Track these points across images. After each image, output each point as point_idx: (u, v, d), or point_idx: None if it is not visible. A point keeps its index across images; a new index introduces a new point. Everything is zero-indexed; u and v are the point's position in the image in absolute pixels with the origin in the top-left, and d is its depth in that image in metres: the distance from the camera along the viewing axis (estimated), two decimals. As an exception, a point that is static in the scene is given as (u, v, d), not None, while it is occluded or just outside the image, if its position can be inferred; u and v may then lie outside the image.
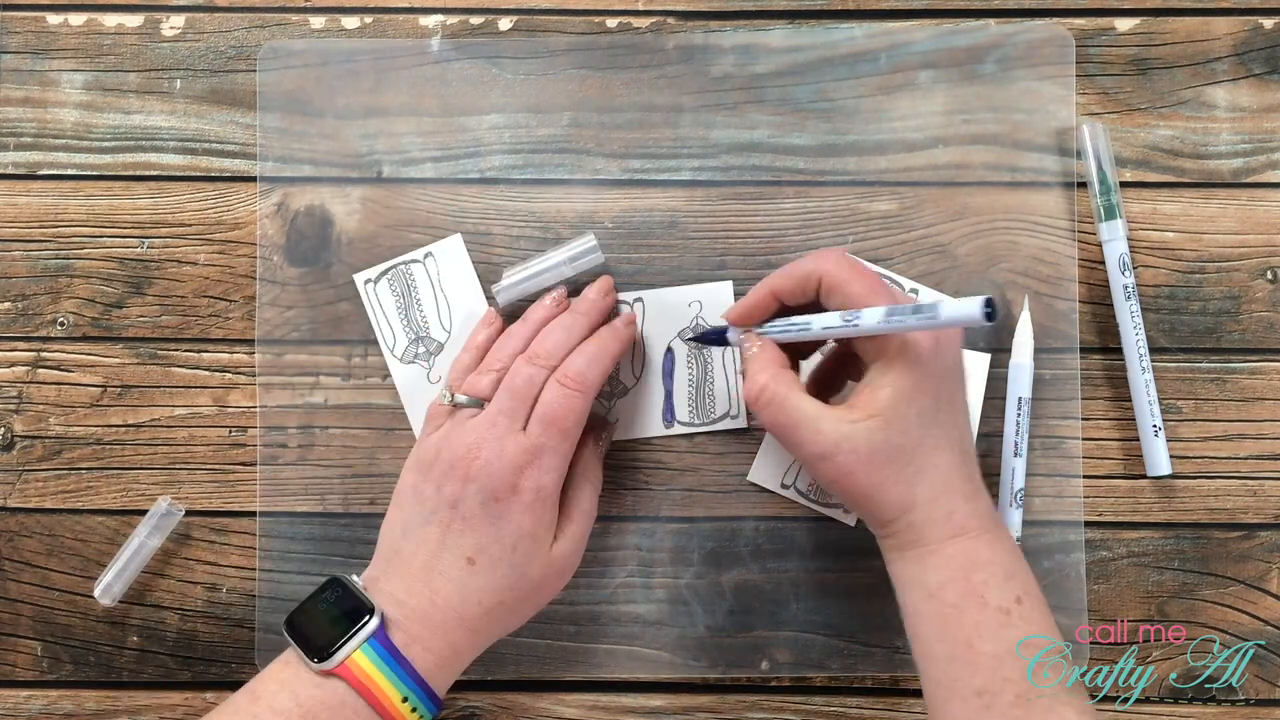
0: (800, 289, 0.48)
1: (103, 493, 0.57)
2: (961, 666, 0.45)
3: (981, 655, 0.45)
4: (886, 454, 0.45)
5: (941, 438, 0.46)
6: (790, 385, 0.47)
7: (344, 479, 0.57)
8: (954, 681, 0.45)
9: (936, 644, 0.46)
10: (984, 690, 0.44)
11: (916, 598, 0.46)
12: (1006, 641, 0.45)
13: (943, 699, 0.45)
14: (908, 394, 0.45)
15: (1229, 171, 0.57)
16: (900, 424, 0.45)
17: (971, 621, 0.45)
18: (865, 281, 0.46)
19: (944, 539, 0.46)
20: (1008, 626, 0.45)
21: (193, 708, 0.57)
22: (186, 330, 0.57)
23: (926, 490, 0.45)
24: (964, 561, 0.45)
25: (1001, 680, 0.44)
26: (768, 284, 0.49)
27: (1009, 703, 0.44)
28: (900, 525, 0.46)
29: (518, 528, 0.49)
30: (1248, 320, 0.56)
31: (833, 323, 0.46)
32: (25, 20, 0.58)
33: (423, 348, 0.57)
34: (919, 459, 0.45)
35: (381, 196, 0.57)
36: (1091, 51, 0.57)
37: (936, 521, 0.46)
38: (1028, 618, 0.45)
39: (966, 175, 0.57)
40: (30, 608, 0.57)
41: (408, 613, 0.48)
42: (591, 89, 0.57)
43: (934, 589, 0.46)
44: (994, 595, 0.45)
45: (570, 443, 0.50)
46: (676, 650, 0.56)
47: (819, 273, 0.47)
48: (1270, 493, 0.56)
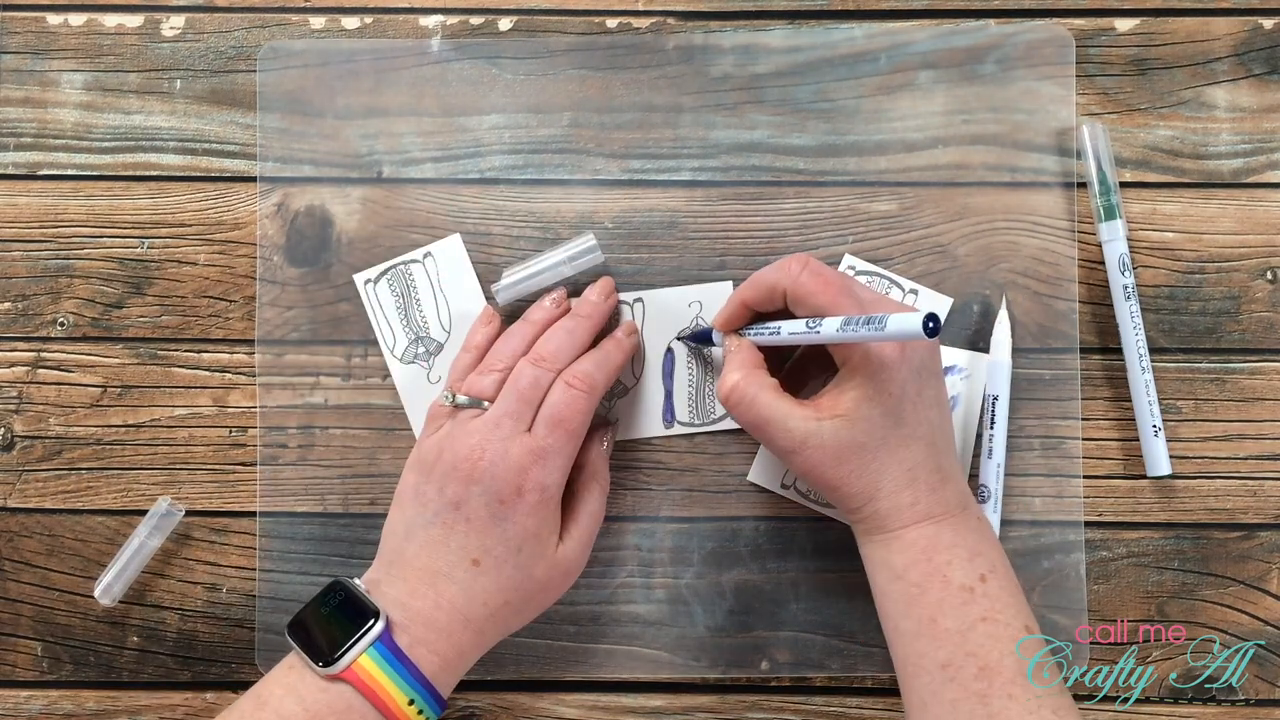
0: (768, 299, 0.50)
1: (103, 493, 0.57)
2: (926, 642, 0.47)
3: (944, 631, 0.46)
4: (851, 450, 0.47)
5: (907, 434, 0.47)
6: (760, 385, 0.49)
7: (344, 479, 0.57)
8: (920, 657, 0.47)
9: (902, 621, 0.48)
10: (948, 664, 0.46)
11: (884, 578, 0.49)
12: (968, 618, 0.46)
13: (910, 673, 0.48)
14: (871, 395, 0.47)
15: (1229, 172, 0.57)
16: (864, 424, 0.47)
17: (935, 600, 0.47)
18: (829, 290, 0.48)
19: (908, 524, 0.48)
20: (969, 604, 0.47)
21: (193, 708, 0.57)
22: (186, 330, 0.57)
23: (890, 483, 0.47)
24: (926, 545, 0.47)
25: (965, 655, 0.46)
26: (738, 294, 0.51)
27: (972, 675, 0.46)
28: (866, 512, 0.48)
29: (522, 529, 0.49)
30: (1248, 320, 0.56)
31: (798, 329, 0.48)
32: (25, 20, 0.58)
33: (423, 348, 0.57)
34: (883, 455, 0.47)
35: (381, 197, 0.57)
36: (1091, 52, 0.57)
37: (900, 509, 0.48)
38: (991, 594, 0.47)
39: (966, 175, 0.57)
40: (30, 608, 0.57)
41: (412, 615, 0.48)
42: (591, 89, 0.57)
43: (899, 570, 0.48)
44: (957, 575, 0.47)
45: (575, 444, 0.50)
46: (676, 650, 0.56)
47: (781, 285, 0.49)
48: (1270, 493, 0.56)
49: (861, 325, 0.45)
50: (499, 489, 0.49)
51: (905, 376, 0.47)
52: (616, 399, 0.57)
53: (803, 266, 0.49)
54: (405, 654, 0.47)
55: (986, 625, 0.46)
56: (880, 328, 0.44)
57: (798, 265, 0.49)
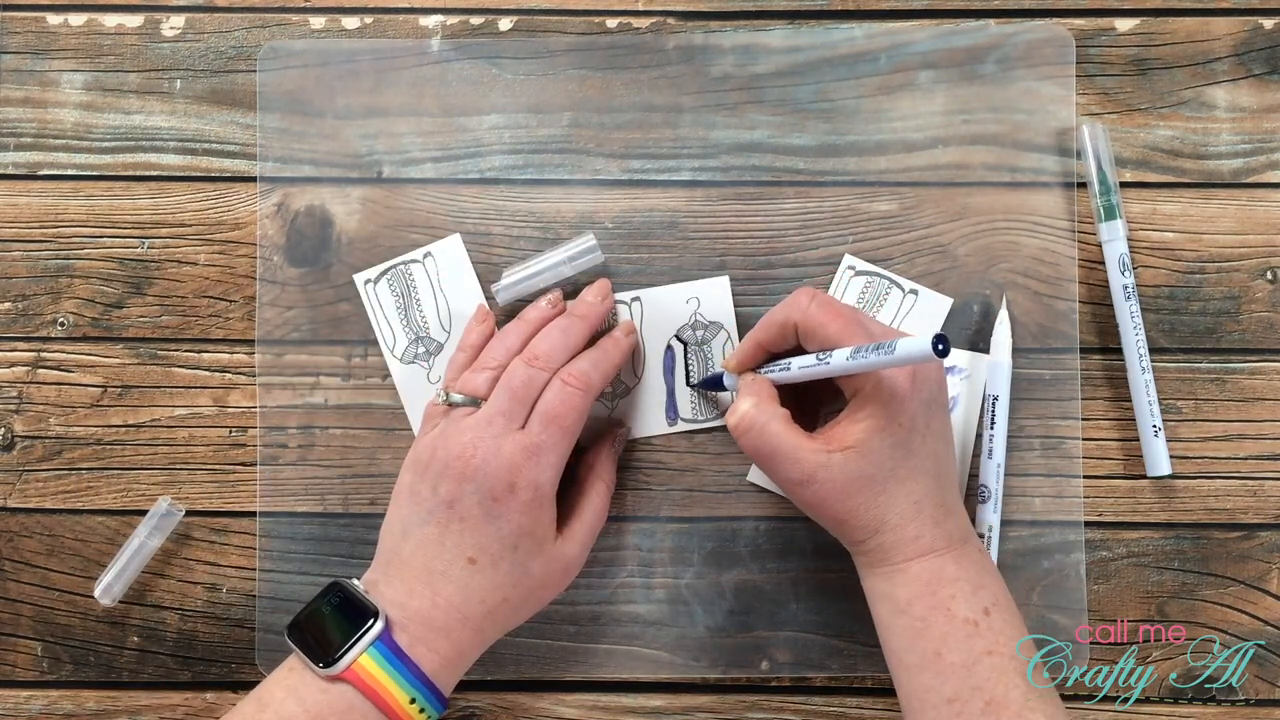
0: (781, 336, 0.50)
1: (103, 493, 0.57)
2: (932, 676, 0.46)
3: (949, 665, 0.46)
4: (860, 482, 0.47)
5: (915, 467, 0.47)
6: (772, 414, 0.48)
7: (344, 479, 0.57)
8: (925, 691, 0.46)
9: (907, 655, 0.47)
10: (954, 698, 0.46)
11: (886, 611, 0.48)
12: (974, 652, 0.46)
13: (916, 708, 0.47)
14: (882, 426, 0.47)
15: (1229, 172, 0.57)
16: (874, 455, 0.47)
17: (939, 633, 0.46)
18: (839, 322, 0.48)
19: (911, 558, 0.47)
20: (975, 637, 0.46)
21: (193, 708, 0.57)
22: (186, 330, 0.57)
23: (895, 517, 0.47)
24: (930, 578, 0.47)
25: (971, 689, 0.46)
26: (753, 336, 0.51)
27: (979, 710, 0.45)
28: (871, 545, 0.48)
29: (516, 526, 0.49)
30: (1248, 320, 0.56)
31: (808, 363, 0.48)
32: (25, 20, 0.58)
33: (422, 348, 0.57)
34: (891, 487, 0.47)
35: (381, 197, 0.57)
36: (1091, 52, 0.57)
37: (905, 543, 0.47)
38: (995, 628, 0.47)
39: (966, 175, 0.57)
40: (30, 608, 0.57)
41: (410, 614, 0.48)
42: (591, 89, 0.57)
43: (903, 604, 0.47)
44: (961, 608, 0.47)
45: (569, 442, 0.50)
46: (676, 650, 0.56)
47: (792, 321, 0.49)
48: (1270, 493, 0.56)
49: (871, 352, 0.44)
50: (491, 486, 0.48)
51: (915, 408, 0.47)
52: (619, 399, 0.57)
53: (811, 299, 0.48)
54: (405, 653, 0.47)
55: (992, 659, 0.46)
56: (890, 351, 0.43)
57: (806, 298, 0.48)
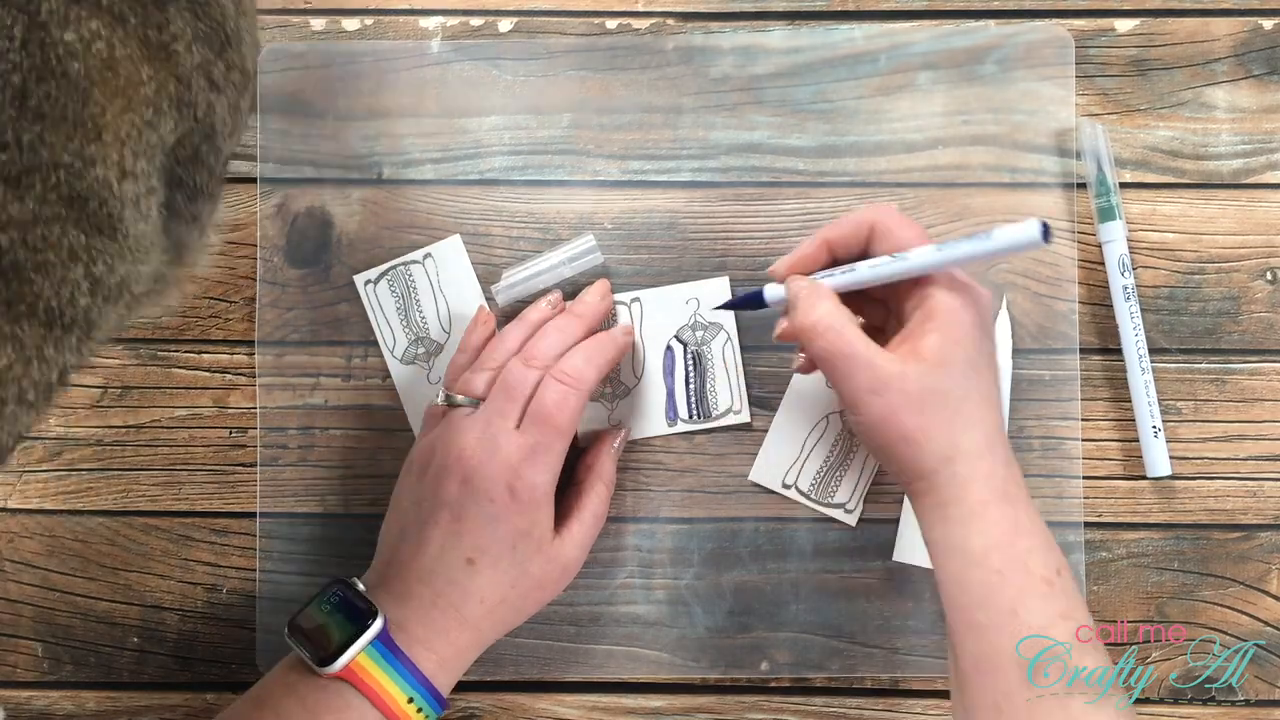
0: (854, 236, 0.48)
1: (103, 493, 0.57)
2: (1007, 637, 0.43)
3: (1026, 627, 0.42)
4: (936, 398, 0.44)
5: (986, 391, 0.45)
6: (848, 318, 0.45)
7: (344, 480, 0.57)
8: (997, 654, 0.43)
9: (978, 613, 0.43)
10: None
11: (957, 565, 0.44)
12: (1050, 614, 0.43)
13: (984, 670, 0.43)
14: (954, 340, 0.44)
15: (1229, 172, 0.57)
16: (949, 370, 0.44)
17: (1016, 590, 0.43)
18: (913, 230, 0.47)
19: (987, 501, 0.44)
20: (1050, 599, 0.43)
21: (193, 708, 0.57)
22: (187, 331, 0.57)
23: (970, 444, 0.44)
24: (1009, 527, 0.44)
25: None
26: (821, 234, 0.48)
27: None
28: (942, 478, 0.44)
29: (514, 527, 0.49)
30: (1247, 321, 0.56)
31: (882, 262, 0.46)
32: (26, 22, 0.58)
33: (422, 349, 0.57)
34: (966, 409, 0.44)
35: (382, 198, 0.57)
36: (1091, 52, 0.57)
37: (979, 479, 0.44)
38: (1068, 591, 0.44)
39: (966, 176, 0.57)
40: (30, 608, 0.57)
41: (409, 614, 0.48)
42: (591, 90, 0.57)
43: (978, 555, 0.43)
44: (1037, 565, 0.43)
45: (565, 440, 0.50)
46: (676, 651, 0.56)
47: (870, 220, 0.47)
48: (1270, 493, 0.56)
49: (964, 242, 0.41)
50: (488, 487, 0.48)
51: (978, 333, 0.45)
52: (618, 400, 0.57)
53: (891, 208, 0.48)
54: (404, 653, 0.47)
55: (1066, 624, 0.43)
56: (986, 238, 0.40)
57: (887, 206, 0.47)
